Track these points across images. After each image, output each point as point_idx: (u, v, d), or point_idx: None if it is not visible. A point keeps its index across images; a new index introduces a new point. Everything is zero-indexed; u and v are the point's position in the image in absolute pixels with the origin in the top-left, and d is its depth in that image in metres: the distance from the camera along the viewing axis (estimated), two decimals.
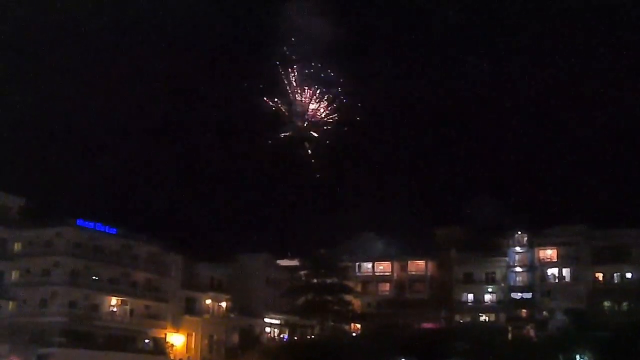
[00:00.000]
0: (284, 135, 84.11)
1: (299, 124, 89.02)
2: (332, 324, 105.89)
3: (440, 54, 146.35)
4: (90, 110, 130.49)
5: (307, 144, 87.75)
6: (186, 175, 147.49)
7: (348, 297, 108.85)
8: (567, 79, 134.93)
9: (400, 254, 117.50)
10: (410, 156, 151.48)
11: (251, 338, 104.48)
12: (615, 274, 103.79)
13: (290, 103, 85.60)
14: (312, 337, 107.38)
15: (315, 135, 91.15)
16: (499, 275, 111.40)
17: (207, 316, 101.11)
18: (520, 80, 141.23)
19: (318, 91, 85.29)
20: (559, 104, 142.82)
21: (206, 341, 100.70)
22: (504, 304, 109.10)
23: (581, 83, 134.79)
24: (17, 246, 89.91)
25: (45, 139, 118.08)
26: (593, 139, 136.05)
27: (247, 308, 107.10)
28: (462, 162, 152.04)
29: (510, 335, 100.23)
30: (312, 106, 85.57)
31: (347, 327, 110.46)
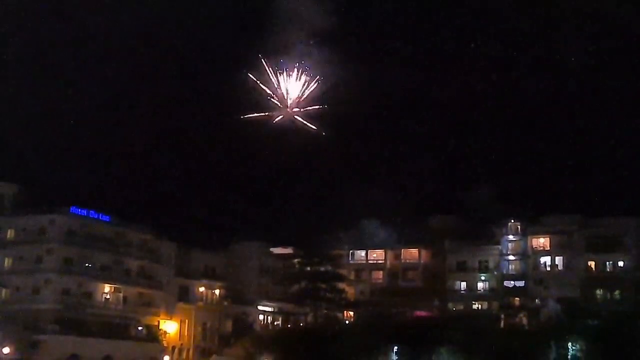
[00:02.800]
0: (276, 121, 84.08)
1: (291, 109, 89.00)
2: (325, 311, 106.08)
3: (434, 42, 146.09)
4: (82, 97, 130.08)
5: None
6: (180, 162, 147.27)
7: (341, 285, 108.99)
8: (559, 68, 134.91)
9: (394, 242, 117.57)
10: (404, 145, 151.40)
11: (244, 325, 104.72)
12: (607, 263, 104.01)
13: (282, 88, 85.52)
14: (305, 324, 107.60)
15: (307, 123, 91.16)
16: (492, 263, 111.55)
17: (200, 304, 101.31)
18: (514, 70, 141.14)
19: (310, 76, 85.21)
20: (553, 93, 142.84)
21: (199, 328, 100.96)
22: (497, 292, 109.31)
23: (572, 72, 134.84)
24: (10, 233, 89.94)
25: (39, 126, 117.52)
26: (587, 128, 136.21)
27: (240, 296, 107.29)
28: (456, 151, 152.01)
29: (502, 324, 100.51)
30: (302, 91, 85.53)
31: (340, 314, 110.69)
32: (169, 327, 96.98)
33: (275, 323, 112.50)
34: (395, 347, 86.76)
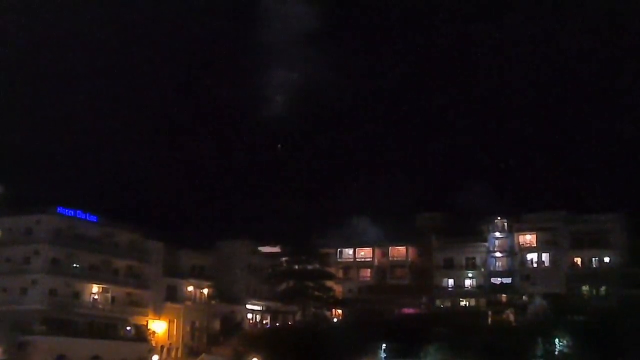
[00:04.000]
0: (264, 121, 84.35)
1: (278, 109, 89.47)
2: (313, 310, 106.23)
3: (422, 42, 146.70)
4: (68, 97, 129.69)
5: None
6: (167, 161, 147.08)
7: (329, 283, 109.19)
8: (544, 66, 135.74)
9: (381, 240, 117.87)
10: (391, 142, 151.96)
11: (233, 324, 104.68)
12: (593, 259, 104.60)
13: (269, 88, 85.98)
14: (294, 323, 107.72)
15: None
16: (479, 260, 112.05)
17: (188, 303, 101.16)
18: (499, 67, 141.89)
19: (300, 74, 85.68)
20: (539, 91, 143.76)
21: (188, 328, 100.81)
22: (484, 289, 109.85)
23: (558, 69, 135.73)
24: None
25: (24, 126, 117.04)
26: (572, 125, 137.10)
27: (228, 294, 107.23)
28: (442, 149, 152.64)
29: (490, 320, 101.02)
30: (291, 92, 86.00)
31: (328, 313, 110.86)
32: (158, 326, 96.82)
33: (264, 322, 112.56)
34: (384, 345, 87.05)
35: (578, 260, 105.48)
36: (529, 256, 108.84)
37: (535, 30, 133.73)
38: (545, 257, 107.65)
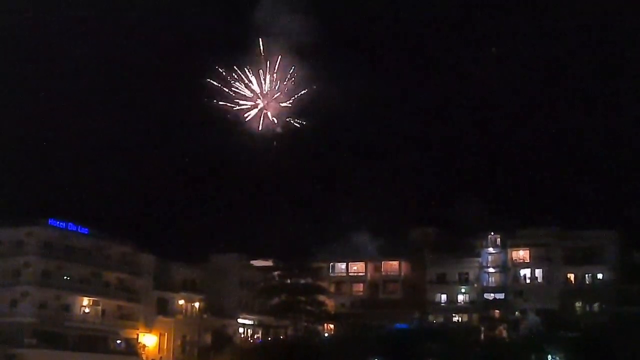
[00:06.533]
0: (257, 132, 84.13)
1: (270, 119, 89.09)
2: (305, 324, 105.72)
3: (416, 49, 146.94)
4: (58, 108, 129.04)
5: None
6: (159, 174, 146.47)
7: (321, 298, 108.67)
8: (537, 81, 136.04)
9: (374, 254, 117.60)
10: (383, 157, 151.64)
11: (224, 339, 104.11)
12: (586, 275, 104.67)
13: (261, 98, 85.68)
14: (286, 337, 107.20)
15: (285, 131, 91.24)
16: (472, 276, 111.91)
17: (180, 316, 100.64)
18: (491, 81, 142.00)
19: (290, 86, 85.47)
20: (532, 105, 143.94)
21: (179, 342, 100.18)
22: (477, 305, 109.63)
23: (551, 85, 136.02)
24: None
25: (15, 137, 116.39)
26: (565, 141, 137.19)
27: (220, 309, 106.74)
28: (435, 163, 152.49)
29: (482, 336, 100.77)
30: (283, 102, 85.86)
31: (320, 327, 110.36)
32: (148, 340, 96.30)
33: (255, 336, 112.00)
34: None
35: (571, 276, 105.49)
36: (522, 272, 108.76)
37: (530, 40, 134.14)
38: (538, 272, 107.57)
